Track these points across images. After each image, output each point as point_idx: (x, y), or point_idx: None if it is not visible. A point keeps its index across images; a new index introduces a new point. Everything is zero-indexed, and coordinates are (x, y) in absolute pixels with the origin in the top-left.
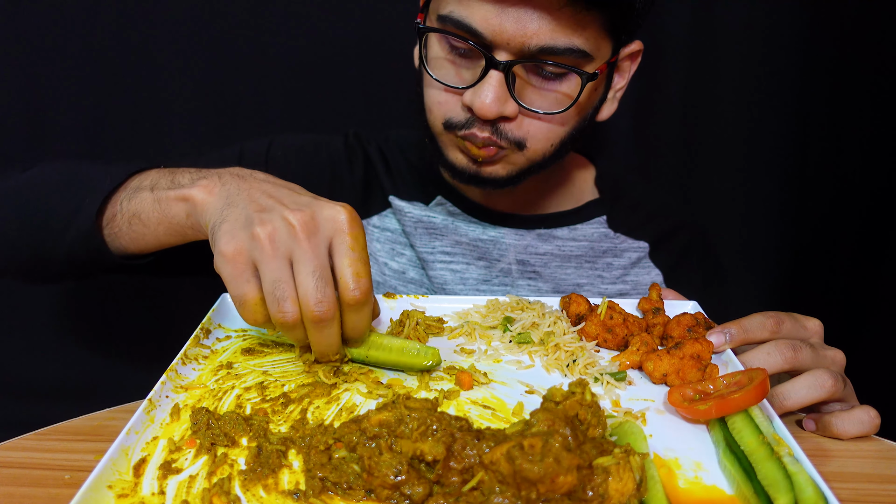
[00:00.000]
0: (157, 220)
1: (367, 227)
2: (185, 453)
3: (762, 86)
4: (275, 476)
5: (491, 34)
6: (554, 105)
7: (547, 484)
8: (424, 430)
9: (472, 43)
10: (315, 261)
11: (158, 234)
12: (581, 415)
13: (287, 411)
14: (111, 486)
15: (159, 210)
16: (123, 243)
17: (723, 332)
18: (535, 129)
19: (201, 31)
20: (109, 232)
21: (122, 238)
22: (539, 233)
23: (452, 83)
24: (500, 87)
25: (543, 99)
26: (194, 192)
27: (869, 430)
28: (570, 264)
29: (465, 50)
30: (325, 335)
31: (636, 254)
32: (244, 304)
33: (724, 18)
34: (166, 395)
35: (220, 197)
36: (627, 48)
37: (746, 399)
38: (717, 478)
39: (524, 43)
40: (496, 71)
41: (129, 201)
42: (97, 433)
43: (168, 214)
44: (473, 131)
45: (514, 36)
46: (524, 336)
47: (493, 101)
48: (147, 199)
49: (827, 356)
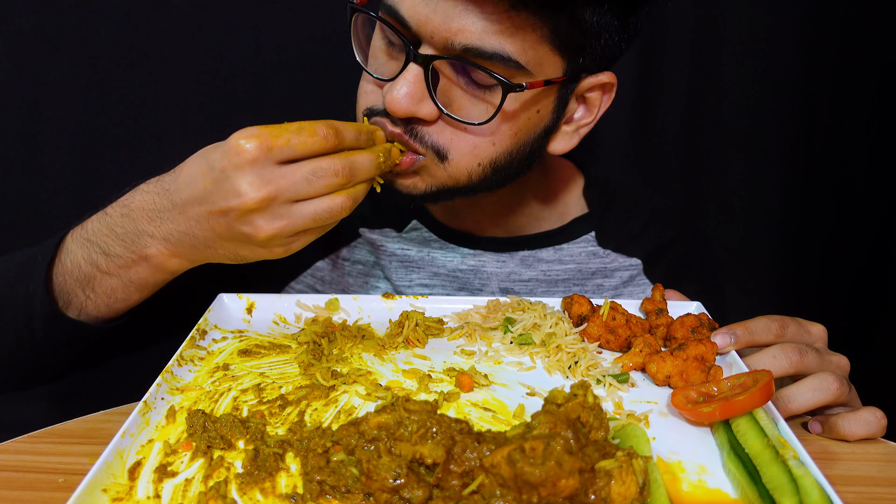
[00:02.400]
0: (122, 287)
1: (337, 262)
2: (181, 456)
3: (765, 88)
4: (272, 479)
5: (416, 24)
6: (475, 115)
7: (548, 487)
8: (424, 432)
9: (396, 32)
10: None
11: (130, 299)
12: (583, 417)
13: (284, 413)
14: (106, 489)
15: (125, 284)
16: (97, 315)
17: (728, 334)
18: (458, 140)
19: (196, 31)
20: (73, 314)
21: (94, 312)
22: (522, 256)
23: (379, 73)
24: (417, 83)
25: (470, 107)
26: (149, 252)
27: (875, 430)
28: (558, 289)
29: (392, 41)
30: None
31: (628, 272)
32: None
33: (726, 20)
34: (162, 398)
35: (173, 233)
36: (594, 77)
37: (751, 401)
38: (722, 481)
39: (448, 38)
40: (415, 65)
41: (83, 291)
42: (91, 436)
43: (136, 281)
44: (383, 120)
45: (437, 29)
46: (525, 337)
47: (404, 97)
48: (108, 281)
49: (832, 361)
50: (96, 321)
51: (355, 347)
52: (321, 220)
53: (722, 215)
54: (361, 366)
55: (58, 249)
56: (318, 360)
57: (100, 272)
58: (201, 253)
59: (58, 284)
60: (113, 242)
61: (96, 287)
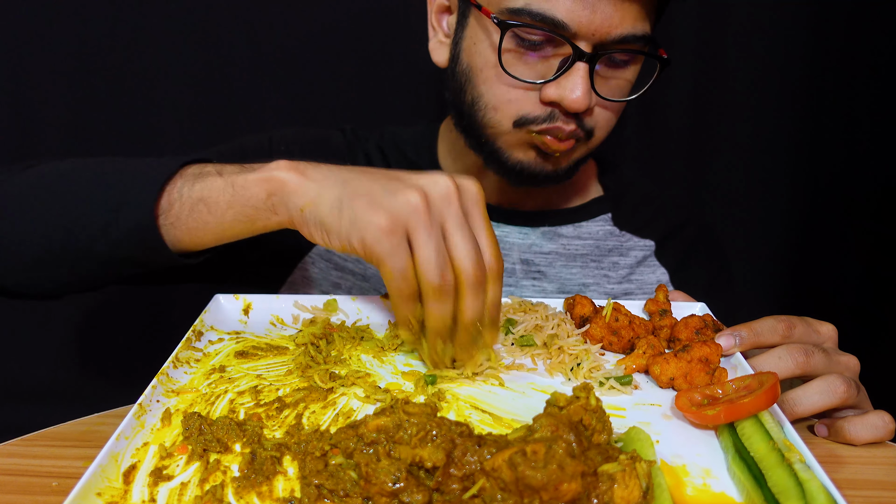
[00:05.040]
0: (227, 204)
1: None
2: (177, 459)
3: (772, 84)
4: (269, 483)
5: (577, 26)
6: (619, 92)
7: (550, 491)
8: (424, 435)
9: (558, 35)
10: (467, 227)
11: (224, 221)
12: (586, 420)
13: (282, 416)
14: (100, 493)
15: (231, 193)
16: (178, 235)
17: (732, 335)
18: (601, 117)
19: (194, 28)
20: (164, 222)
21: (178, 229)
22: (544, 231)
23: (527, 78)
24: (587, 79)
25: (610, 87)
26: (279, 174)
27: (883, 435)
28: (576, 263)
29: (537, 42)
30: (477, 301)
31: (642, 252)
32: (406, 275)
33: (733, 16)
34: (157, 400)
35: (314, 179)
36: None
37: (756, 404)
38: (727, 485)
39: (608, 33)
40: (582, 63)
41: (191, 187)
42: (86, 439)
43: (243, 196)
44: (558, 125)
45: (600, 27)
46: (527, 339)
47: (584, 94)
48: (216, 182)
49: (840, 362)
50: (173, 245)
51: (354, 349)
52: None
53: (728, 214)
54: (360, 368)
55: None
56: (316, 362)
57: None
58: (322, 203)
59: (165, 200)
60: (242, 171)
61: (209, 201)
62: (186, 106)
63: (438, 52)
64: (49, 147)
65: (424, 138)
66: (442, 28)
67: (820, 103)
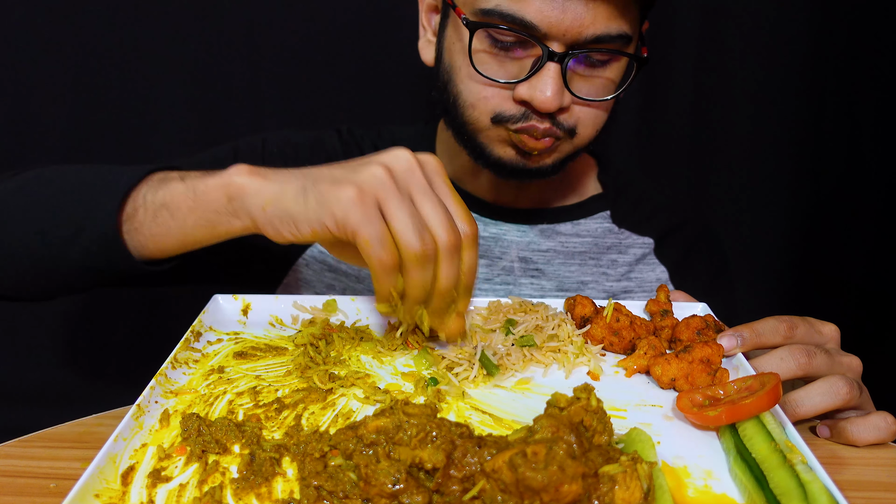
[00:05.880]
0: (189, 209)
1: None
2: (175, 461)
3: (772, 82)
4: (268, 485)
5: (547, 26)
6: (601, 91)
7: (551, 493)
8: (424, 436)
9: (528, 36)
10: (434, 195)
11: (186, 226)
12: (586, 421)
13: (281, 417)
14: (98, 494)
15: (193, 198)
16: (142, 241)
17: (734, 336)
18: (584, 115)
19: (191, 28)
20: (129, 228)
21: (142, 234)
22: (542, 228)
23: (499, 77)
24: (559, 79)
25: (591, 86)
26: (238, 179)
27: (886, 436)
28: (574, 261)
29: (509, 43)
30: (453, 268)
31: (641, 250)
32: (384, 241)
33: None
34: (155, 401)
35: (274, 180)
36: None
37: (758, 405)
38: (728, 486)
39: (580, 33)
40: (553, 63)
41: (154, 193)
42: (84, 440)
43: (203, 201)
44: (532, 124)
45: (570, 27)
46: (527, 339)
47: (554, 95)
48: (178, 187)
49: (843, 362)
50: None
51: (353, 349)
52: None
53: (730, 213)
54: (360, 368)
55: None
56: (316, 363)
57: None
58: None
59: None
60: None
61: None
62: (183, 106)
63: (426, 50)
64: (46, 148)
65: (423, 137)
66: (431, 27)
67: (822, 103)
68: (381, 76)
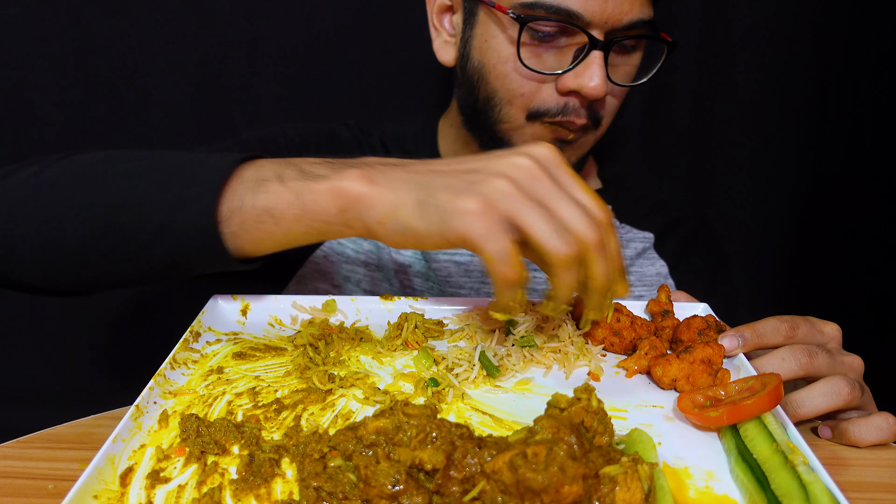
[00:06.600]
0: (296, 218)
1: None
2: (174, 462)
3: (774, 79)
4: (267, 486)
5: (590, 15)
6: (627, 78)
7: (551, 494)
8: (423, 437)
9: (573, 25)
10: (564, 194)
11: (291, 232)
12: (587, 422)
13: (280, 418)
14: (97, 495)
15: (300, 207)
16: (241, 244)
17: (735, 336)
18: (608, 105)
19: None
20: (226, 230)
21: (242, 238)
22: None
23: (544, 70)
24: (603, 66)
25: (624, 72)
26: (350, 186)
27: (888, 437)
28: None
29: (551, 34)
30: (605, 261)
31: (641, 244)
32: (509, 258)
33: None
34: (154, 401)
35: (386, 187)
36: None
37: (759, 405)
38: (729, 487)
39: (620, 20)
40: (597, 51)
41: (254, 196)
42: (82, 441)
43: (312, 211)
44: (570, 118)
45: (612, 14)
46: (527, 339)
47: (601, 82)
48: (281, 194)
49: (844, 362)
50: (236, 253)
51: (353, 350)
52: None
53: (731, 210)
54: (359, 369)
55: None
56: (315, 363)
57: (283, 202)
58: (404, 209)
59: (225, 206)
60: (318, 166)
61: (276, 214)
62: (184, 102)
63: (444, 51)
64: (45, 144)
65: (426, 134)
66: (445, 28)
67: (824, 100)
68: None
